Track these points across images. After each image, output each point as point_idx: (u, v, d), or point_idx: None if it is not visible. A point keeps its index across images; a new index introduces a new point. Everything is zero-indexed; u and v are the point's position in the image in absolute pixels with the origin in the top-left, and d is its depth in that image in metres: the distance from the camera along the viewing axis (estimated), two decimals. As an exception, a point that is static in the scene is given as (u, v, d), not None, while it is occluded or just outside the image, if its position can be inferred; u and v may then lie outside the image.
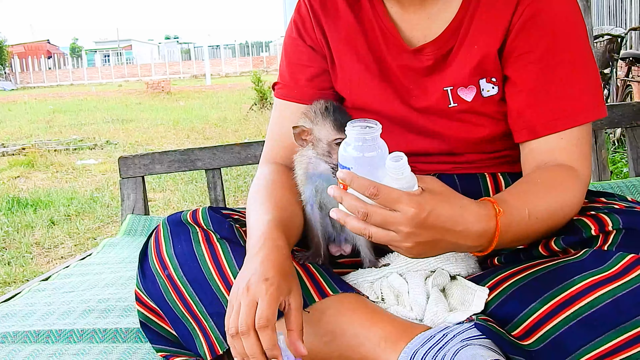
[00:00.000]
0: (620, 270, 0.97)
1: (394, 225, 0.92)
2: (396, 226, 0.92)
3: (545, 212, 1.07)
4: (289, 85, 1.34)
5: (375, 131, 0.94)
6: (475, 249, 1.01)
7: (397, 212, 0.91)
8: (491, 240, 1.00)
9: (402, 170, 0.92)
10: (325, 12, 1.30)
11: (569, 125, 1.15)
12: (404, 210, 0.91)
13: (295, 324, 0.97)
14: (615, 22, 7.80)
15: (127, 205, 2.32)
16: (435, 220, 0.93)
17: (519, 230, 1.04)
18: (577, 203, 1.12)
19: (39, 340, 1.34)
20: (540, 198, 1.07)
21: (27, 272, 3.77)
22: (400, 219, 0.91)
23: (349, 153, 0.94)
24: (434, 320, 1.07)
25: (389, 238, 0.93)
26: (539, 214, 1.06)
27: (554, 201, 1.08)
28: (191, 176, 6.08)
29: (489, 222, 0.98)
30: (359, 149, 0.94)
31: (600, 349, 0.94)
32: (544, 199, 1.07)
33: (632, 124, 2.29)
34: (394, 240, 0.94)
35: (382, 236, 0.93)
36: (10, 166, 7.58)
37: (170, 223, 1.17)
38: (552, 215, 1.08)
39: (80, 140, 9.53)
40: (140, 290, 1.20)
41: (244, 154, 2.30)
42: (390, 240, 0.94)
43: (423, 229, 0.93)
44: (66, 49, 60.48)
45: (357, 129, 0.94)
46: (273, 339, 0.93)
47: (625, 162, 4.51)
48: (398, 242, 0.94)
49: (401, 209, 0.91)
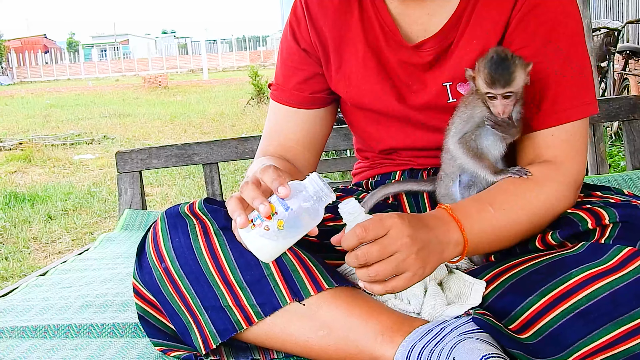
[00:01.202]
0: (618, 263, 0.97)
1: (392, 244, 0.93)
2: (394, 242, 0.93)
3: (517, 211, 1.09)
4: (281, 88, 1.36)
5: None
6: (456, 249, 1.04)
7: (387, 232, 0.93)
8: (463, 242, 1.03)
9: (358, 208, 0.96)
10: (323, 10, 1.30)
11: (562, 121, 1.15)
12: (391, 222, 0.94)
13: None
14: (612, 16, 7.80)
15: (125, 200, 2.32)
16: (417, 223, 0.97)
17: (489, 227, 1.07)
18: (561, 199, 1.12)
19: (36, 335, 1.34)
20: (508, 198, 1.10)
21: (25, 267, 3.77)
22: (393, 233, 0.94)
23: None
24: (432, 313, 1.07)
25: (395, 264, 0.94)
26: (510, 213, 1.08)
27: (525, 200, 1.10)
28: (188, 171, 6.08)
29: (444, 214, 1.05)
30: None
31: (597, 342, 0.94)
32: (513, 199, 1.10)
33: (629, 117, 2.29)
34: (400, 262, 0.94)
35: (389, 267, 0.94)
36: (7, 161, 7.57)
37: (168, 216, 1.17)
38: (528, 213, 1.10)
39: (77, 135, 9.52)
40: (137, 283, 1.20)
41: (241, 149, 2.30)
42: (397, 265, 0.94)
43: (414, 229, 0.95)
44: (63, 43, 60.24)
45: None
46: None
47: (623, 155, 4.51)
48: (405, 262, 0.94)
49: (388, 224, 0.94)
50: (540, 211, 1.11)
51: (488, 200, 1.10)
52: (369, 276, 0.94)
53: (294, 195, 0.95)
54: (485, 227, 1.07)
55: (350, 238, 0.94)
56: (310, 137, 1.36)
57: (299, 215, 0.94)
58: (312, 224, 0.97)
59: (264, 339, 1.10)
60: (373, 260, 0.93)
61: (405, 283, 0.96)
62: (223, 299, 1.09)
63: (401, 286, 0.96)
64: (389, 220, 0.94)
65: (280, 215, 0.94)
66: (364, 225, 0.93)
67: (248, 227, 0.96)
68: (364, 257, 0.93)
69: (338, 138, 2.26)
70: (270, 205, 0.94)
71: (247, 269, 1.09)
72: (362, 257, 0.93)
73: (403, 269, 0.95)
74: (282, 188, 0.94)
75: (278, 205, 0.95)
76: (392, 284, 0.95)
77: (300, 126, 1.35)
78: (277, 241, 0.95)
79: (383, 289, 0.96)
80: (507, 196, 1.10)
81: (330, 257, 1.20)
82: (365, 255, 0.93)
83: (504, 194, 1.11)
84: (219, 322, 1.09)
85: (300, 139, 1.35)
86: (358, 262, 0.94)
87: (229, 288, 1.09)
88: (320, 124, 1.37)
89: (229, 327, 1.09)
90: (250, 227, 0.95)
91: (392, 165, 1.37)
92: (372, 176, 1.42)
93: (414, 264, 0.95)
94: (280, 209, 0.94)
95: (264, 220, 0.94)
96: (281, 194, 0.94)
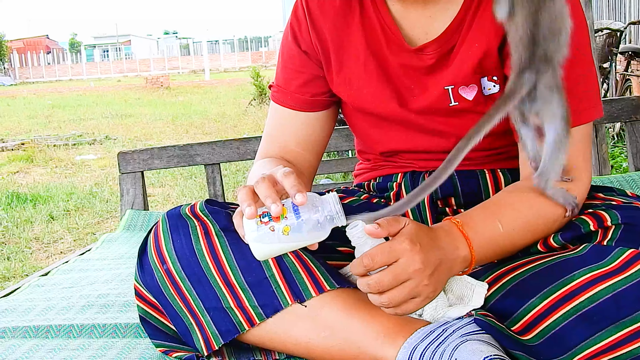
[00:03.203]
0: (620, 265, 0.97)
1: (404, 273, 0.92)
2: (406, 270, 0.92)
3: (522, 220, 1.09)
4: (282, 90, 1.35)
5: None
6: (463, 264, 1.03)
7: (397, 259, 0.92)
8: (470, 252, 1.03)
9: (364, 234, 0.96)
10: (323, 12, 1.29)
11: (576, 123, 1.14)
12: (401, 249, 0.93)
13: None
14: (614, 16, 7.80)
15: (127, 200, 2.32)
16: (426, 241, 0.96)
17: (496, 246, 1.07)
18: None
19: (38, 335, 1.34)
20: (515, 214, 1.09)
21: (27, 267, 3.77)
22: (405, 260, 0.92)
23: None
24: (434, 315, 1.07)
25: (409, 290, 0.93)
26: (515, 223, 1.08)
27: (529, 211, 1.09)
28: (190, 171, 6.08)
29: (455, 230, 1.03)
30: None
31: (600, 344, 0.94)
32: (518, 210, 1.09)
33: (631, 118, 2.29)
34: (413, 288, 0.93)
35: (403, 294, 0.93)
36: (9, 161, 7.58)
37: (170, 217, 1.17)
38: (535, 226, 1.10)
39: (79, 136, 9.53)
40: (139, 284, 1.20)
41: (243, 149, 2.30)
42: (410, 291, 0.93)
43: (425, 252, 0.94)
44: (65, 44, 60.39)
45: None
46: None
47: (625, 156, 4.51)
48: (417, 287, 0.94)
49: (398, 251, 0.92)
50: (549, 222, 1.10)
51: (496, 214, 1.09)
52: (381, 303, 0.94)
53: (308, 207, 0.95)
54: (492, 244, 1.07)
55: (358, 267, 0.94)
56: (312, 139, 1.36)
57: (307, 227, 0.94)
58: (315, 240, 0.97)
59: (265, 340, 1.10)
60: (385, 288, 0.93)
61: (416, 306, 0.96)
62: (225, 301, 1.09)
63: (413, 309, 0.96)
64: (399, 246, 0.93)
65: (290, 221, 0.94)
66: (371, 255, 0.93)
67: (254, 221, 0.95)
68: (376, 286, 0.93)
69: (340, 139, 2.26)
70: (283, 209, 0.94)
71: (248, 270, 1.09)
72: (375, 286, 0.93)
73: (415, 294, 0.95)
74: (300, 195, 0.93)
75: (290, 211, 0.94)
76: (404, 308, 0.95)
77: (301, 128, 1.35)
78: (278, 244, 0.95)
79: (394, 312, 0.96)
80: (514, 212, 1.09)
81: (332, 258, 1.20)
82: (377, 285, 0.93)
83: (511, 209, 1.10)
84: (221, 324, 1.09)
85: (302, 141, 1.35)
86: (370, 290, 0.94)
87: (230, 289, 1.09)
88: (321, 126, 1.37)
89: (231, 329, 1.09)
90: (257, 222, 0.95)
91: (393, 167, 1.37)
92: (374, 178, 1.41)
93: (426, 289, 0.95)
94: (291, 215, 0.94)
95: (271, 220, 0.94)
96: (298, 201, 0.93)
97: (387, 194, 1.37)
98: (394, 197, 1.34)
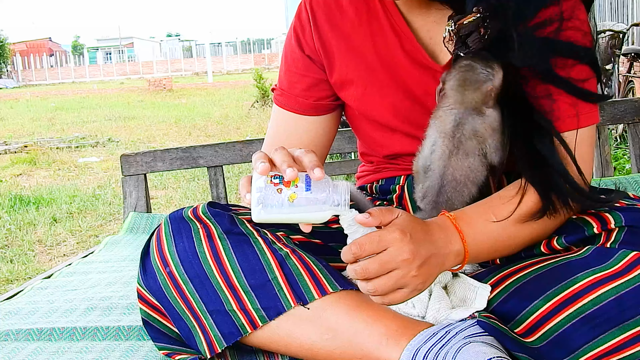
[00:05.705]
0: (624, 267, 0.97)
1: (391, 262, 0.92)
2: (394, 259, 0.92)
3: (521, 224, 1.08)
4: (285, 94, 1.35)
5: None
6: (456, 259, 1.03)
7: (386, 247, 0.92)
8: (463, 248, 1.02)
9: (355, 221, 0.95)
10: (328, 16, 1.28)
11: (569, 127, 1.14)
12: (391, 238, 0.92)
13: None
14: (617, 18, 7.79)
15: (129, 202, 2.32)
16: (418, 233, 0.95)
17: (491, 240, 1.06)
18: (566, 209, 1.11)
19: (41, 337, 1.34)
20: (511, 203, 1.08)
21: (30, 269, 3.78)
22: (393, 249, 0.92)
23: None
24: (437, 317, 1.07)
25: (395, 280, 0.93)
26: (511, 217, 1.07)
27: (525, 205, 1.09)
28: (193, 174, 6.09)
29: (448, 224, 1.03)
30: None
31: (603, 346, 0.94)
32: (514, 204, 1.08)
33: (634, 120, 2.28)
34: (400, 278, 0.93)
35: (389, 283, 0.93)
36: (12, 164, 7.60)
37: (172, 220, 1.17)
38: (532, 225, 1.09)
39: (82, 138, 9.55)
40: (141, 287, 1.20)
41: (246, 152, 2.30)
42: (396, 281, 0.93)
43: (415, 244, 0.94)
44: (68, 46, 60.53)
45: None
46: None
47: (628, 158, 4.50)
48: (404, 278, 0.93)
49: (387, 240, 0.92)
50: (545, 222, 1.10)
51: (492, 208, 1.09)
52: (367, 290, 0.94)
53: (320, 186, 0.94)
54: (486, 239, 1.07)
55: (347, 254, 0.94)
56: (315, 142, 1.36)
57: (313, 203, 0.94)
58: (313, 220, 0.96)
59: (268, 343, 1.10)
60: (371, 276, 0.93)
61: (403, 297, 0.96)
62: (227, 303, 1.09)
63: (399, 300, 0.96)
64: (388, 235, 0.93)
65: (299, 190, 0.93)
66: (359, 242, 0.92)
67: (263, 179, 0.94)
68: (363, 273, 0.93)
69: (343, 141, 2.26)
70: (296, 178, 0.94)
71: (251, 273, 1.09)
72: (361, 273, 0.93)
73: (403, 285, 0.94)
74: (318, 170, 0.92)
75: (302, 182, 0.94)
76: (390, 297, 0.95)
77: (304, 132, 1.35)
78: (277, 210, 0.94)
79: (381, 301, 0.96)
80: (510, 205, 1.09)
81: (335, 260, 1.20)
82: (363, 271, 0.93)
83: (509, 204, 1.09)
84: (224, 326, 1.09)
85: (305, 144, 1.34)
86: (356, 276, 0.94)
87: (233, 292, 1.09)
88: (324, 129, 1.36)
89: (234, 331, 1.09)
90: (266, 181, 0.94)
91: (396, 170, 1.37)
92: (377, 180, 1.41)
93: (414, 280, 0.94)
94: (302, 185, 0.94)
95: (282, 183, 0.94)
96: (316, 175, 0.92)
97: (390, 196, 1.37)
98: (397, 199, 1.35)
